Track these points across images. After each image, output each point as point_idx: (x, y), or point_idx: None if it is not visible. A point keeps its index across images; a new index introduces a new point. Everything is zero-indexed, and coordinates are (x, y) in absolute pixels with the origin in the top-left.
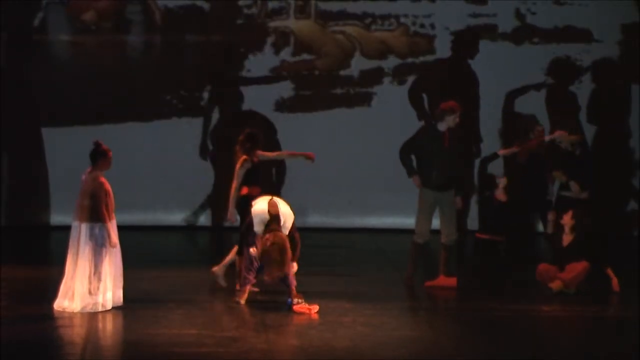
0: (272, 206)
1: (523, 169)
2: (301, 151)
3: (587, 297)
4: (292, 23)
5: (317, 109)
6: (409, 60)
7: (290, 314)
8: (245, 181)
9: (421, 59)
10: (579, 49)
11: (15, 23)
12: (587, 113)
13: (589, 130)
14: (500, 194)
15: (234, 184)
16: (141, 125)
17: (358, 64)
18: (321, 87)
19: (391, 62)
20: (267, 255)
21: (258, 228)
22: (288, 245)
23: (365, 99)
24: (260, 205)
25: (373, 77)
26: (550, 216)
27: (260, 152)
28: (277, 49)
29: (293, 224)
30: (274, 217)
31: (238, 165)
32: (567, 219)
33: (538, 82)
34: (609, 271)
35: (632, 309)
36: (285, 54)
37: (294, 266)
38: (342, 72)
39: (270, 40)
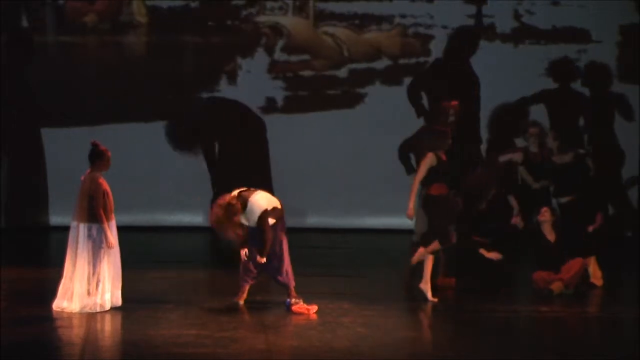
0: (249, 191)
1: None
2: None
3: (585, 297)
4: (288, 23)
5: (312, 109)
6: (402, 61)
7: (289, 315)
8: (430, 179)
9: (414, 60)
10: (577, 50)
11: (15, 23)
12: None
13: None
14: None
15: (416, 181)
16: (141, 126)
17: (348, 66)
18: (313, 88)
19: (383, 63)
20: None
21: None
22: (230, 208)
23: (360, 100)
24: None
25: (366, 77)
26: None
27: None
28: (271, 48)
29: (264, 219)
30: (240, 197)
31: (422, 162)
32: (546, 216)
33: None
34: (594, 264)
35: (631, 310)
36: (278, 54)
37: (261, 259)
38: (334, 73)
39: (264, 40)
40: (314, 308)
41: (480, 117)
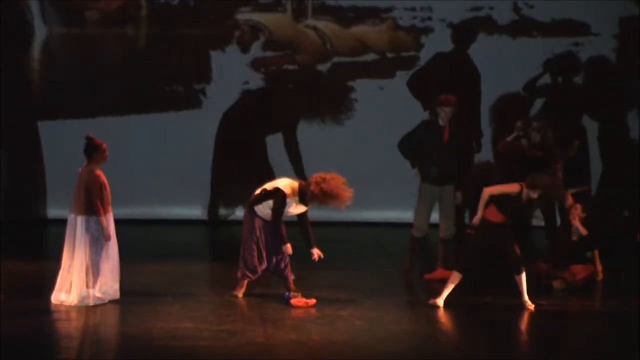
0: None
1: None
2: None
3: (586, 292)
4: (286, 20)
5: (309, 104)
6: (392, 55)
7: (287, 308)
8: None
9: (404, 54)
10: (577, 43)
11: (13, 16)
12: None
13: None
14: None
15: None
16: (139, 119)
17: (336, 60)
18: (308, 83)
19: (376, 57)
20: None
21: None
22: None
23: (357, 94)
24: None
25: (359, 72)
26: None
27: None
28: (263, 44)
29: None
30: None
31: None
32: (576, 214)
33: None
34: (596, 257)
35: (631, 304)
36: (261, 50)
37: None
38: (329, 68)
39: (262, 34)
40: (312, 301)
41: (480, 110)
